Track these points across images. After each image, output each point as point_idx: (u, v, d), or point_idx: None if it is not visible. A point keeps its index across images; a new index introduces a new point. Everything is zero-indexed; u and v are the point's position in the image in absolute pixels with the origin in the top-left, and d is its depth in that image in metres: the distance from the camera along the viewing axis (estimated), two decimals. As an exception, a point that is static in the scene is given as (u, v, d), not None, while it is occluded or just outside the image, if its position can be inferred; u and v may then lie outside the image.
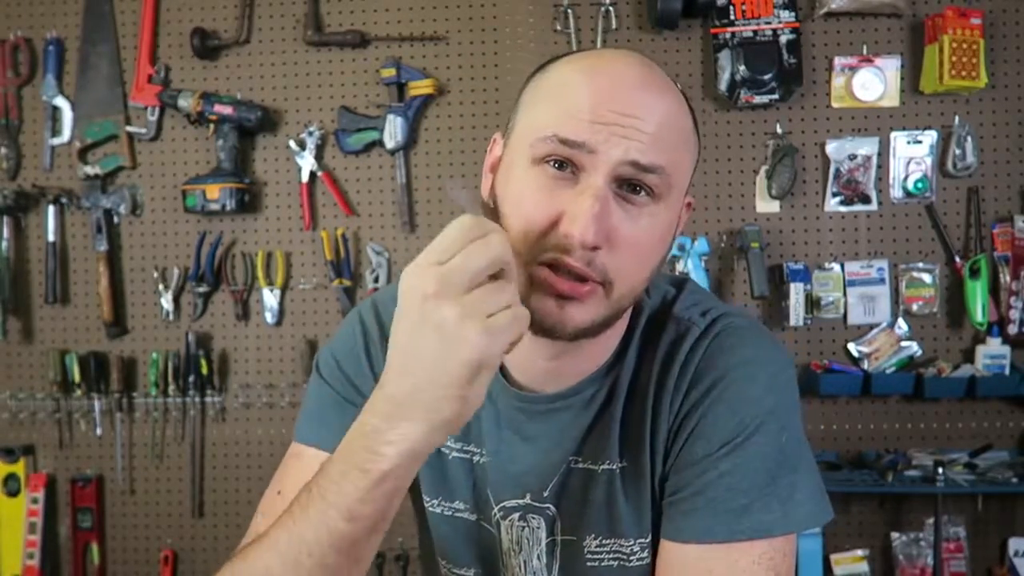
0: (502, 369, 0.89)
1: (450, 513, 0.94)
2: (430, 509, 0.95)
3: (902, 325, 2.10)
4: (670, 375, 0.85)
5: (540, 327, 0.77)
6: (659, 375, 0.86)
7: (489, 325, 0.65)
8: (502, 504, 0.91)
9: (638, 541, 0.88)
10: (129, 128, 2.21)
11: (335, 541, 0.69)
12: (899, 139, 2.09)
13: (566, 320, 0.77)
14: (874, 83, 2.08)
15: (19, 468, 2.23)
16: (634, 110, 0.76)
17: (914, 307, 2.10)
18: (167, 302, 2.21)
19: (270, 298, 2.19)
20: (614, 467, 0.87)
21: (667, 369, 0.86)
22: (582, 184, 0.76)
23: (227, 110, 2.12)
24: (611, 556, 0.88)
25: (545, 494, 0.89)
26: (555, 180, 0.77)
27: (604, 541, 0.88)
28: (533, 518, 0.90)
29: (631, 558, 0.88)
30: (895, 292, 2.11)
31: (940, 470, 1.95)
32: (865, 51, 2.09)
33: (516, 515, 0.91)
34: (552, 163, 0.77)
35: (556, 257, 0.75)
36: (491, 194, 0.84)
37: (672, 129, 0.79)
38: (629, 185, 0.77)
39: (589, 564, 0.89)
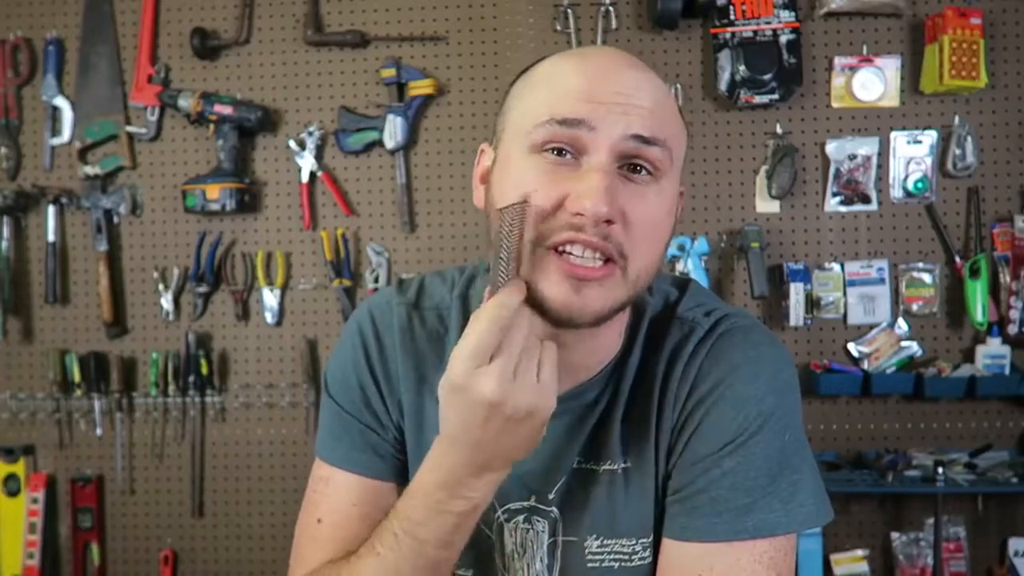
0: None
1: None
2: None
3: (902, 325, 2.10)
4: (674, 374, 0.85)
5: (557, 317, 0.75)
6: (663, 375, 0.86)
7: (545, 387, 0.72)
8: (507, 507, 0.90)
9: (640, 541, 0.87)
10: (129, 128, 2.21)
11: (431, 566, 0.80)
12: (899, 139, 2.09)
13: (586, 305, 0.75)
14: (874, 83, 2.08)
15: (19, 468, 2.23)
16: (628, 88, 0.76)
17: (914, 307, 2.10)
18: (167, 302, 2.21)
19: (270, 298, 2.19)
20: (616, 467, 0.87)
21: (671, 369, 0.86)
22: (585, 165, 0.75)
23: (227, 110, 2.12)
24: (612, 557, 0.88)
25: (550, 496, 0.89)
26: (556, 166, 0.76)
27: (605, 542, 0.88)
28: (538, 520, 0.90)
29: (632, 558, 0.88)
30: (895, 292, 2.11)
31: (940, 470, 1.95)
32: (865, 51, 2.09)
33: (520, 517, 0.90)
34: (551, 150, 0.76)
35: (570, 236, 0.74)
36: (485, 206, 0.83)
37: (665, 106, 0.80)
38: (630, 166, 0.77)
39: (590, 565, 0.89)
